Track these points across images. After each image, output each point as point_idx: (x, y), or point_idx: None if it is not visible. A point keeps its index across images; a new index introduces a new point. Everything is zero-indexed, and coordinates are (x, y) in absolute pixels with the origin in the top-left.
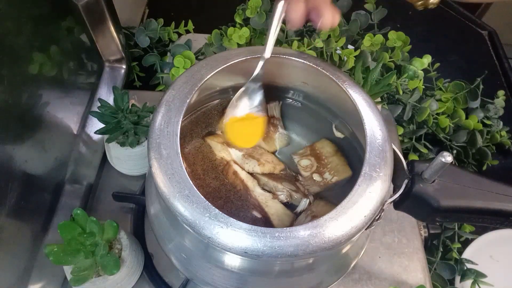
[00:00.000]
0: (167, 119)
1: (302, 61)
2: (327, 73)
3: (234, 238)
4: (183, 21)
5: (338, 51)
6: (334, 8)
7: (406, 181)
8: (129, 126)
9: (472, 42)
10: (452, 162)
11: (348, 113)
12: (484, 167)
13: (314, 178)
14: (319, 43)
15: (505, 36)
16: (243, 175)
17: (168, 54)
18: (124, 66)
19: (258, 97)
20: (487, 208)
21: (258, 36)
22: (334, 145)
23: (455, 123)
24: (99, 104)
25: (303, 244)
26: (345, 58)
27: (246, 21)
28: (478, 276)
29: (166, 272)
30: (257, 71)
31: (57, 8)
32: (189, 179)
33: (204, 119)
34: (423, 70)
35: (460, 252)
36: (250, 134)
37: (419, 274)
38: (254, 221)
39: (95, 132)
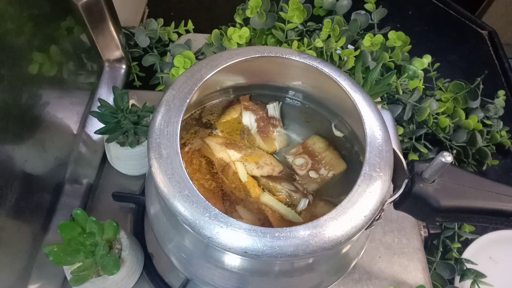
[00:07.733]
0: (167, 119)
1: (302, 61)
2: (327, 73)
3: (234, 238)
4: (183, 21)
5: (338, 51)
6: None
7: (406, 181)
8: (129, 126)
9: (472, 42)
10: (452, 162)
11: (348, 113)
12: (484, 167)
13: (310, 176)
14: (319, 43)
15: (505, 36)
16: None
17: (168, 54)
18: (124, 66)
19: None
20: (487, 208)
21: (258, 36)
22: (325, 140)
23: (455, 123)
24: (99, 104)
25: (303, 244)
26: (345, 58)
27: (246, 21)
28: (477, 276)
29: (166, 272)
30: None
31: (57, 8)
32: (189, 179)
33: (203, 119)
34: (423, 70)
35: (460, 252)
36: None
37: (419, 274)
38: (254, 221)
39: (95, 132)
